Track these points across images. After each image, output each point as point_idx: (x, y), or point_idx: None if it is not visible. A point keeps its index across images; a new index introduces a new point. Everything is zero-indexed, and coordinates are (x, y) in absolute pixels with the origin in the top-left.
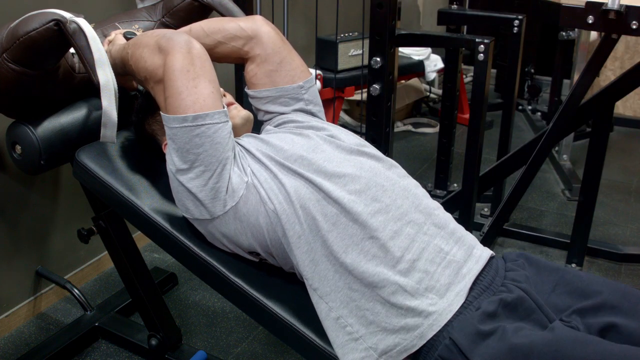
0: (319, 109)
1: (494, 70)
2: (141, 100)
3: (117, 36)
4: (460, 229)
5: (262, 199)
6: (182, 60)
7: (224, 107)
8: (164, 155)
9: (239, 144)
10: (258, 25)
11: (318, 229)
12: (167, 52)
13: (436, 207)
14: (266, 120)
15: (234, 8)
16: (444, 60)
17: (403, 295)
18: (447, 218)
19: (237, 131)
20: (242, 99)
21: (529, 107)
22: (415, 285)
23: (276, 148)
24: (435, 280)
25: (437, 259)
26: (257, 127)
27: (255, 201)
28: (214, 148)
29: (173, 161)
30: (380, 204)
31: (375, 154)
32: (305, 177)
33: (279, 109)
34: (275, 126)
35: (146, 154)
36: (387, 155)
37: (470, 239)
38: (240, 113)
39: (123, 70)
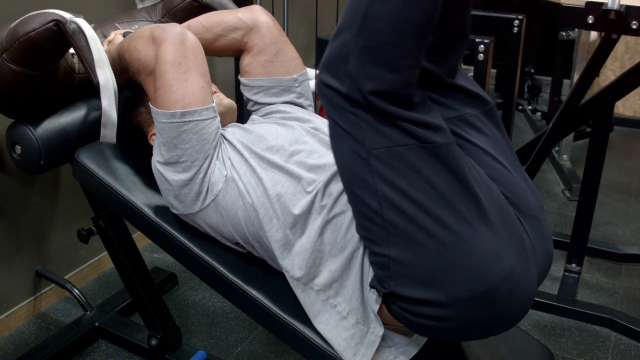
0: (309, 103)
1: (494, 70)
2: (127, 93)
3: (116, 36)
4: None
5: (241, 192)
6: (175, 52)
7: (213, 102)
8: (150, 146)
9: (221, 135)
10: (257, 15)
11: (295, 221)
12: (160, 43)
13: None
14: (254, 110)
15: (234, 8)
16: None
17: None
18: None
19: (220, 120)
20: (240, 95)
21: (529, 107)
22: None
23: (259, 138)
24: None
25: None
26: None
27: (234, 194)
28: (200, 144)
29: (161, 153)
30: None
31: None
32: (285, 169)
33: (269, 99)
34: (261, 116)
35: (146, 154)
36: None
37: None
38: (223, 101)
39: (122, 68)
